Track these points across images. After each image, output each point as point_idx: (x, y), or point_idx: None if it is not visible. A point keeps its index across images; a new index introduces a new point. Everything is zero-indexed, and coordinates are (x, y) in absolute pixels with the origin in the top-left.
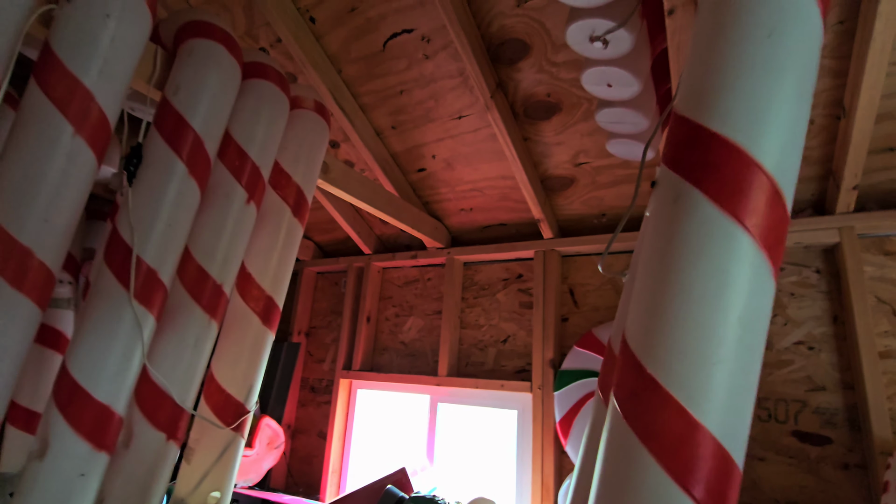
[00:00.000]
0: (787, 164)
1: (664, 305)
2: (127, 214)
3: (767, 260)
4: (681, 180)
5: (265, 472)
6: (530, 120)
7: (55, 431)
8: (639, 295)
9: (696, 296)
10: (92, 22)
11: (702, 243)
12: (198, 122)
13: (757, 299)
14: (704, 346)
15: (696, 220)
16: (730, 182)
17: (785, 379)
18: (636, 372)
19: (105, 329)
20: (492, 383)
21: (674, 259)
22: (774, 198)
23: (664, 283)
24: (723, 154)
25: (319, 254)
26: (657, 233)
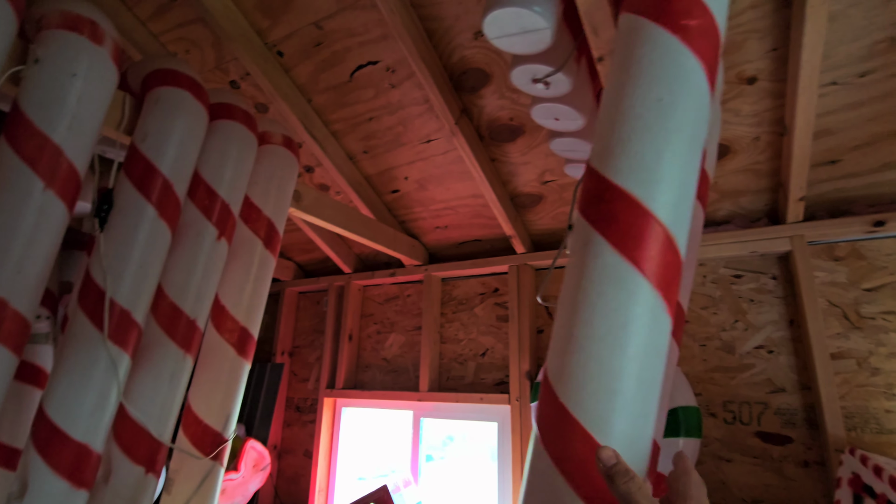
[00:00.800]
0: (679, 214)
1: (573, 341)
2: (99, 259)
3: (662, 299)
4: (588, 227)
5: (252, 494)
6: (496, 142)
7: (34, 472)
8: (556, 330)
9: (598, 333)
10: (59, 81)
11: (604, 285)
12: (166, 167)
13: (653, 336)
14: (606, 378)
15: (599, 264)
16: (628, 230)
17: (747, 382)
18: (551, 400)
19: (80, 371)
20: (472, 396)
21: (581, 299)
22: (667, 244)
23: (573, 320)
24: (622, 205)
25: (300, 273)
26: (570, 274)
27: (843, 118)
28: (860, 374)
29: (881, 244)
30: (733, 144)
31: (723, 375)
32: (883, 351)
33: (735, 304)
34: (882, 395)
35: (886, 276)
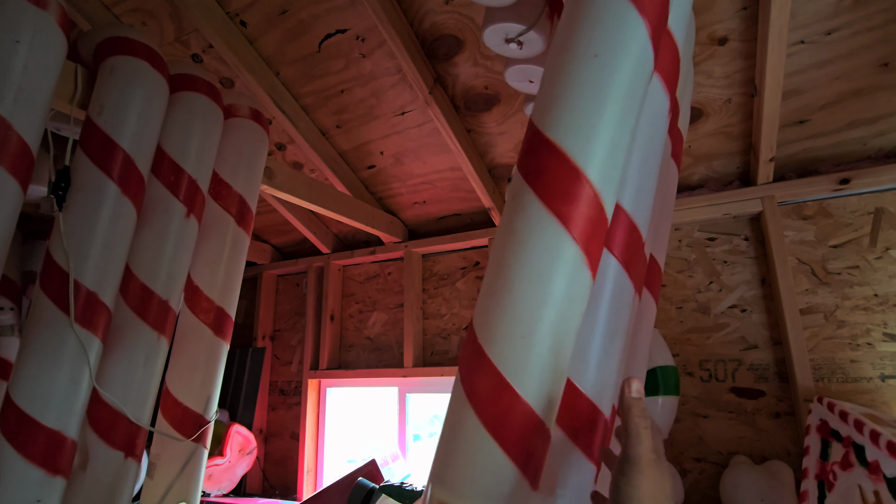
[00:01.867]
0: (608, 172)
1: (496, 290)
2: (60, 239)
3: (584, 255)
4: (520, 179)
5: (239, 478)
6: (471, 112)
7: (5, 460)
8: (485, 279)
9: (519, 283)
10: (1, 49)
11: (529, 237)
12: (126, 141)
13: (572, 289)
14: (523, 327)
15: (525, 217)
16: (556, 185)
17: (722, 341)
18: (473, 344)
19: (48, 356)
20: (456, 370)
21: (507, 249)
22: (594, 201)
23: (498, 270)
24: (553, 160)
25: (278, 256)
26: (501, 225)
27: (810, 77)
28: (827, 327)
29: (846, 202)
30: (706, 107)
31: (699, 336)
32: (848, 304)
33: (709, 266)
34: (847, 346)
35: (851, 233)
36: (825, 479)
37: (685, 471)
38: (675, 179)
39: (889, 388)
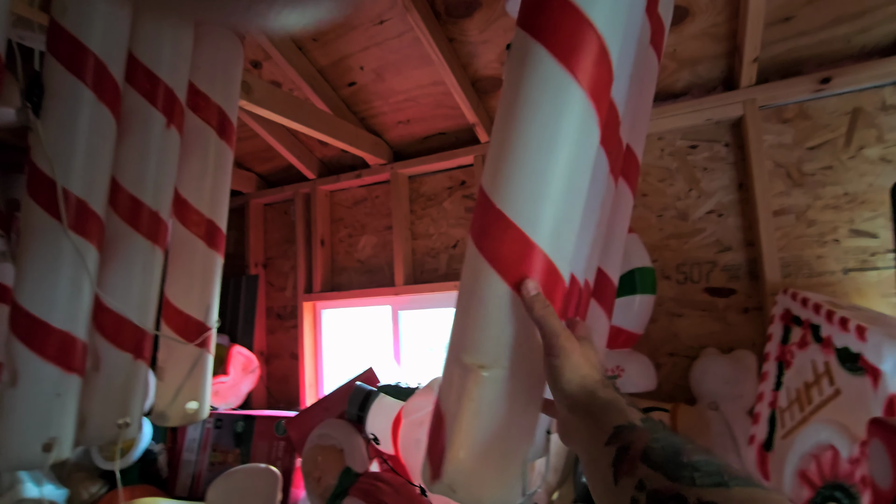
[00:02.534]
0: (614, 23)
1: (507, 150)
2: (41, 147)
3: (594, 109)
4: (528, 37)
5: (245, 395)
6: (452, 18)
7: (22, 360)
8: (492, 145)
9: (532, 141)
10: None
11: (541, 94)
12: (95, 44)
13: (583, 144)
14: (534, 184)
15: (538, 74)
16: (567, 38)
17: (698, 245)
18: (487, 208)
19: (47, 262)
20: (446, 285)
21: (517, 109)
22: (601, 54)
23: (508, 131)
24: (562, 12)
25: (263, 185)
26: (507, 88)
27: None
28: (798, 226)
29: (826, 103)
30: (692, 6)
31: (677, 241)
32: (819, 204)
33: (690, 173)
34: (815, 244)
35: (828, 134)
36: (784, 360)
37: (659, 364)
38: (654, 70)
39: (850, 280)
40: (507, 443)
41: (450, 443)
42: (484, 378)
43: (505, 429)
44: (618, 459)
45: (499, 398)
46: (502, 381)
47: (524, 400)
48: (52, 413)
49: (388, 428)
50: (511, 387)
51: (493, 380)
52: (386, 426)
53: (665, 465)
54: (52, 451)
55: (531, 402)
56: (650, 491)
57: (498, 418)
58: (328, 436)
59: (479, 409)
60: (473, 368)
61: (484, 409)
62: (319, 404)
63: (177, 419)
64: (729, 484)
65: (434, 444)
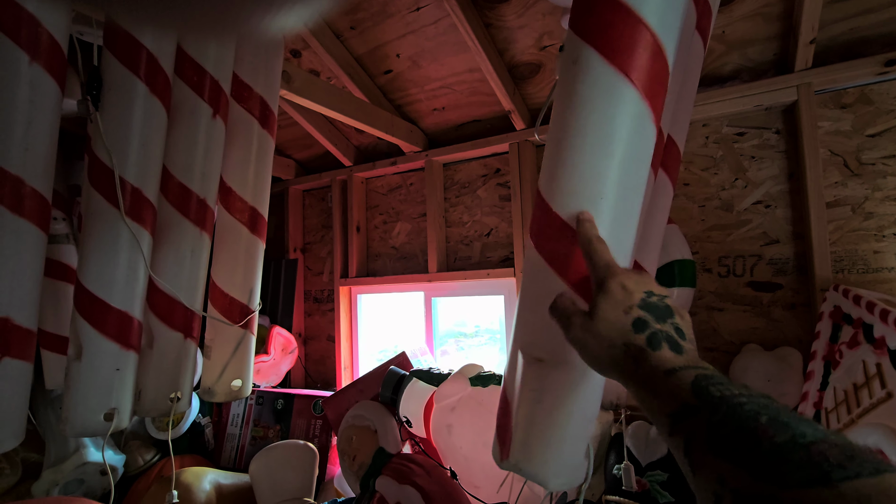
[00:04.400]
0: (668, 21)
1: (563, 153)
2: (101, 138)
3: (649, 108)
4: (579, 40)
5: (284, 374)
6: (489, 3)
7: (85, 337)
8: (547, 149)
9: (587, 142)
10: None
11: (594, 97)
12: (147, 39)
13: (638, 144)
14: (592, 186)
15: (590, 77)
16: (619, 39)
17: (743, 237)
18: (544, 210)
19: (107, 246)
20: (479, 273)
21: (571, 112)
22: (656, 52)
23: (563, 134)
24: (613, 13)
25: (301, 171)
26: (561, 92)
27: None
28: (854, 219)
29: (890, 86)
30: None
31: (720, 233)
32: (878, 195)
33: (736, 162)
34: (872, 238)
35: (892, 120)
36: (832, 359)
37: None
38: (699, 56)
39: None
40: (567, 429)
41: (515, 427)
42: (544, 370)
43: (565, 416)
44: (688, 450)
45: (558, 389)
46: (561, 373)
47: (582, 390)
48: (113, 386)
49: (420, 411)
50: (569, 378)
51: (553, 372)
52: (418, 410)
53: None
54: (113, 420)
55: (589, 393)
56: (733, 489)
57: (558, 407)
58: (363, 416)
59: (540, 398)
60: (534, 361)
61: (544, 398)
62: (354, 386)
63: (222, 395)
64: (833, 476)
65: (502, 426)
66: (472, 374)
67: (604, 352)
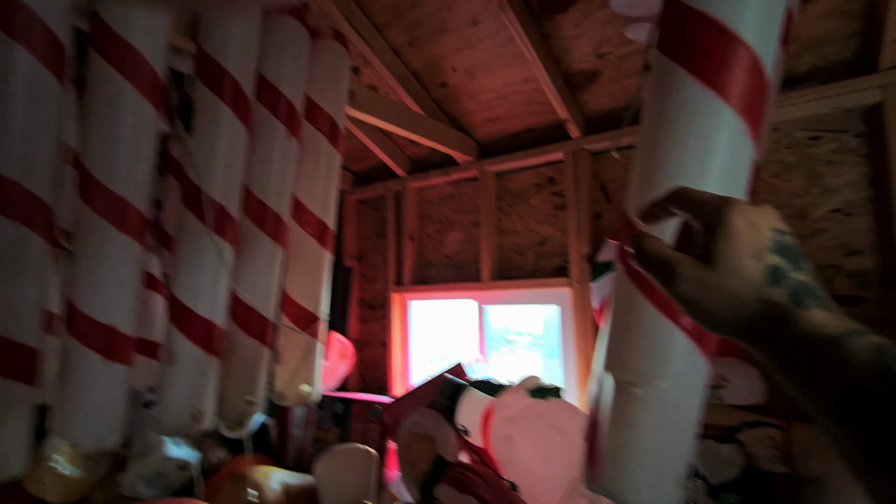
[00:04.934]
0: (767, 33)
1: (654, 174)
2: (191, 160)
3: (746, 125)
4: (667, 61)
5: (341, 378)
6: (547, 14)
7: (176, 343)
8: (635, 168)
9: (681, 162)
10: None
11: (686, 116)
12: (233, 66)
13: (735, 161)
14: None
15: (680, 97)
16: (711, 56)
17: (819, 247)
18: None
19: (195, 259)
20: (533, 282)
21: (661, 134)
22: (753, 66)
23: (655, 153)
24: (704, 31)
25: (357, 182)
26: (650, 110)
27: None
28: None
29: None
30: None
31: None
32: None
33: (811, 168)
34: None
35: None
36: None
37: (768, 375)
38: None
39: None
40: (660, 457)
41: (606, 450)
42: (637, 395)
43: (658, 443)
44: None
45: (651, 415)
46: (655, 399)
47: (677, 418)
48: (199, 389)
49: (478, 421)
50: (664, 405)
51: (646, 398)
52: (475, 419)
53: None
54: (199, 421)
55: (685, 421)
56: None
57: (651, 433)
58: (421, 424)
59: (632, 423)
60: (626, 386)
61: (637, 423)
62: (412, 393)
63: (293, 399)
64: None
65: (591, 447)
66: (532, 386)
67: (728, 311)
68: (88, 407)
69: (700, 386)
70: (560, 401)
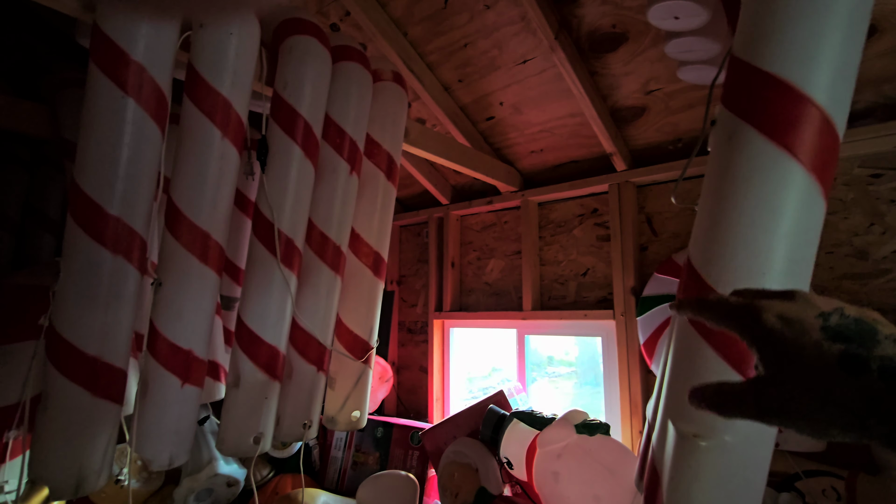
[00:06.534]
0: (839, 93)
1: (720, 228)
2: (265, 196)
3: (817, 183)
4: (734, 118)
5: (380, 401)
6: (595, 54)
7: (243, 367)
8: (700, 220)
9: (747, 219)
10: (220, 40)
11: (753, 174)
12: (305, 110)
13: (806, 220)
14: (754, 261)
15: (747, 154)
16: (780, 116)
17: (882, 288)
18: (698, 283)
19: (264, 288)
20: (575, 314)
21: (727, 188)
22: (824, 126)
23: (719, 209)
24: (774, 91)
25: (400, 208)
26: (715, 167)
27: None
28: None
29: None
30: (880, 22)
31: (853, 283)
32: None
33: (871, 206)
34: None
35: None
36: None
37: None
38: None
39: None
40: None
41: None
42: (701, 448)
43: (725, 498)
44: None
45: (717, 469)
46: (720, 452)
47: (745, 472)
48: (261, 412)
49: (523, 454)
50: (730, 459)
51: (711, 450)
52: (520, 452)
53: None
54: (260, 443)
55: (754, 475)
56: None
57: (718, 488)
58: (464, 454)
59: (697, 477)
60: (689, 437)
61: (702, 477)
62: (452, 421)
63: (344, 425)
64: None
65: (651, 497)
66: (578, 422)
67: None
68: (164, 426)
69: (769, 438)
70: (609, 438)
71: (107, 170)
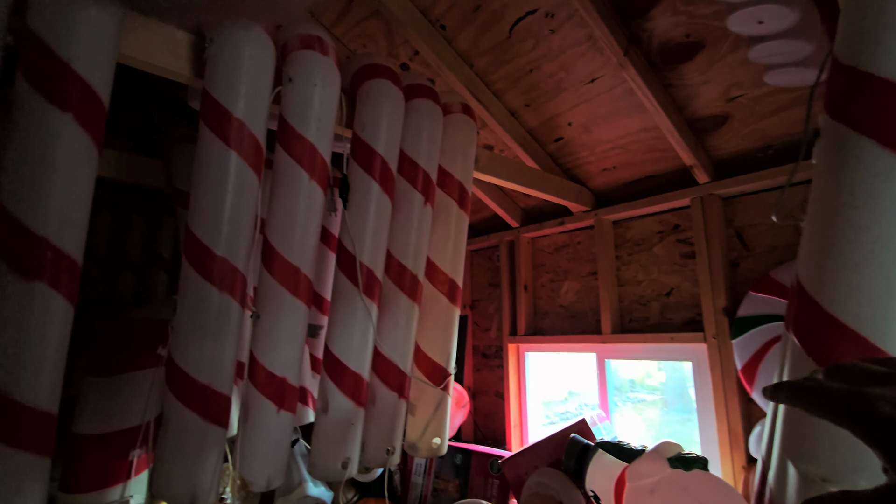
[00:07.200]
0: None
1: (836, 249)
2: (347, 230)
3: None
4: (844, 128)
5: (457, 427)
6: (668, 65)
7: (331, 394)
8: (809, 238)
9: (869, 237)
10: (307, 92)
11: (871, 186)
12: (381, 148)
13: None
14: (879, 283)
15: (863, 165)
16: None
17: None
18: (813, 309)
19: (348, 318)
20: (661, 337)
21: (841, 205)
22: None
23: (833, 223)
24: (889, 97)
25: (471, 233)
26: (824, 180)
27: None
28: None
29: None
30: None
31: None
32: None
33: None
34: None
35: None
36: None
37: None
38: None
39: None
40: None
41: None
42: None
43: None
44: None
45: None
46: None
47: None
48: (348, 438)
49: (611, 489)
50: None
51: None
52: (608, 486)
53: None
54: (347, 468)
55: None
56: None
57: None
58: (547, 486)
59: None
60: (816, 480)
61: None
62: (533, 449)
63: (424, 451)
64: None
65: None
66: (672, 455)
67: None
68: (263, 449)
69: None
70: (708, 474)
71: (214, 215)
